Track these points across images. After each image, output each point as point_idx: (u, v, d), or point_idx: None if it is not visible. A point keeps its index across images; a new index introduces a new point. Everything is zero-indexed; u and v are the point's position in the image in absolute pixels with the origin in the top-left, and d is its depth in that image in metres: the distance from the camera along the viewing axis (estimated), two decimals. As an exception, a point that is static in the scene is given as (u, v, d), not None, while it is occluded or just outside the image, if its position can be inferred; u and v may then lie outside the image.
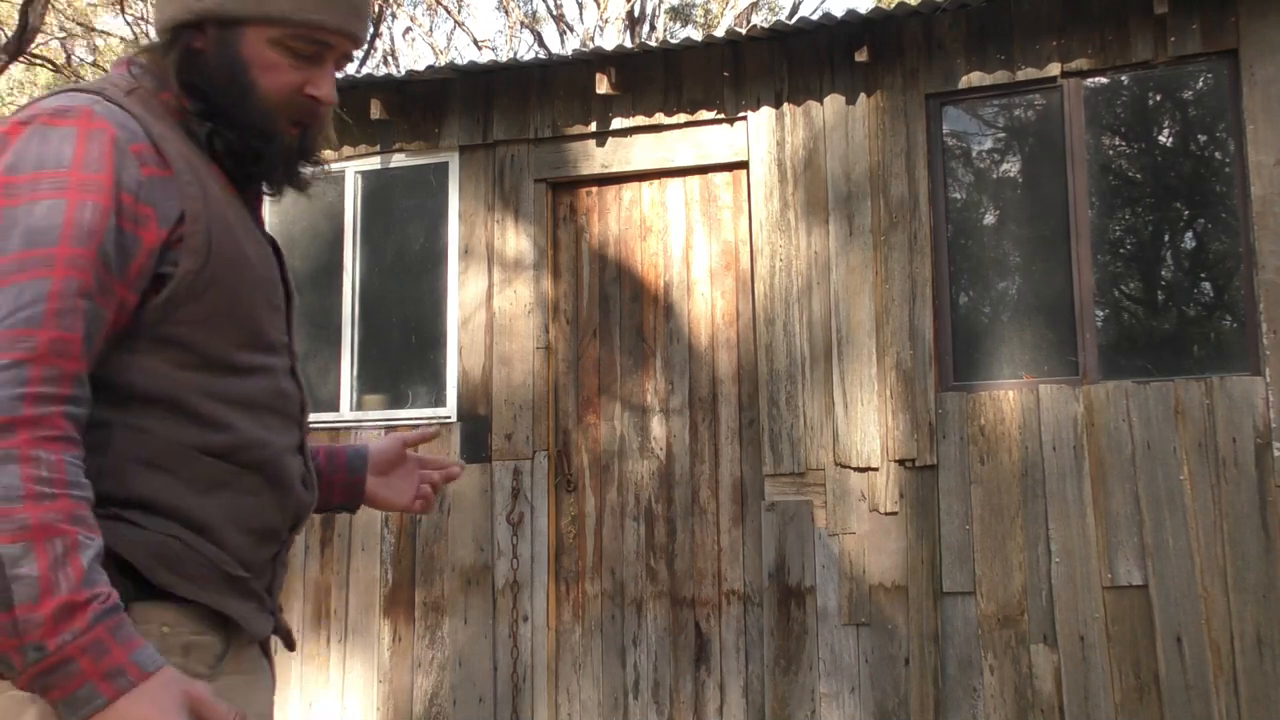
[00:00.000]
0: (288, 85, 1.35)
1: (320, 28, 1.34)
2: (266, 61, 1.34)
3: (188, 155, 1.31)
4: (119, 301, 1.22)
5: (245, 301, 1.34)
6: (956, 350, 5.05)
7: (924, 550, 4.90)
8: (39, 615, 1.07)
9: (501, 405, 5.57)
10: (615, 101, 5.56)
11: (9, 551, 1.07)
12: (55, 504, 1.10)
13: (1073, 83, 4.98)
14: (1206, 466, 4.62)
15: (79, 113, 1.24)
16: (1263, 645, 4.49)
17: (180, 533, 1.27)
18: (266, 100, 1.35)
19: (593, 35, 16.66)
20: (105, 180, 1.21)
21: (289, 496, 1.40)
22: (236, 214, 1.36)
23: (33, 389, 1.12)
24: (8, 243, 1.16)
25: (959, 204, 5.17)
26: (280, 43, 1.34)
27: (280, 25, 1.33)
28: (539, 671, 5.38)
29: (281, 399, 1.40)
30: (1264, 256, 4.64)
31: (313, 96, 1.37)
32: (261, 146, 1.36)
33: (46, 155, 1.20)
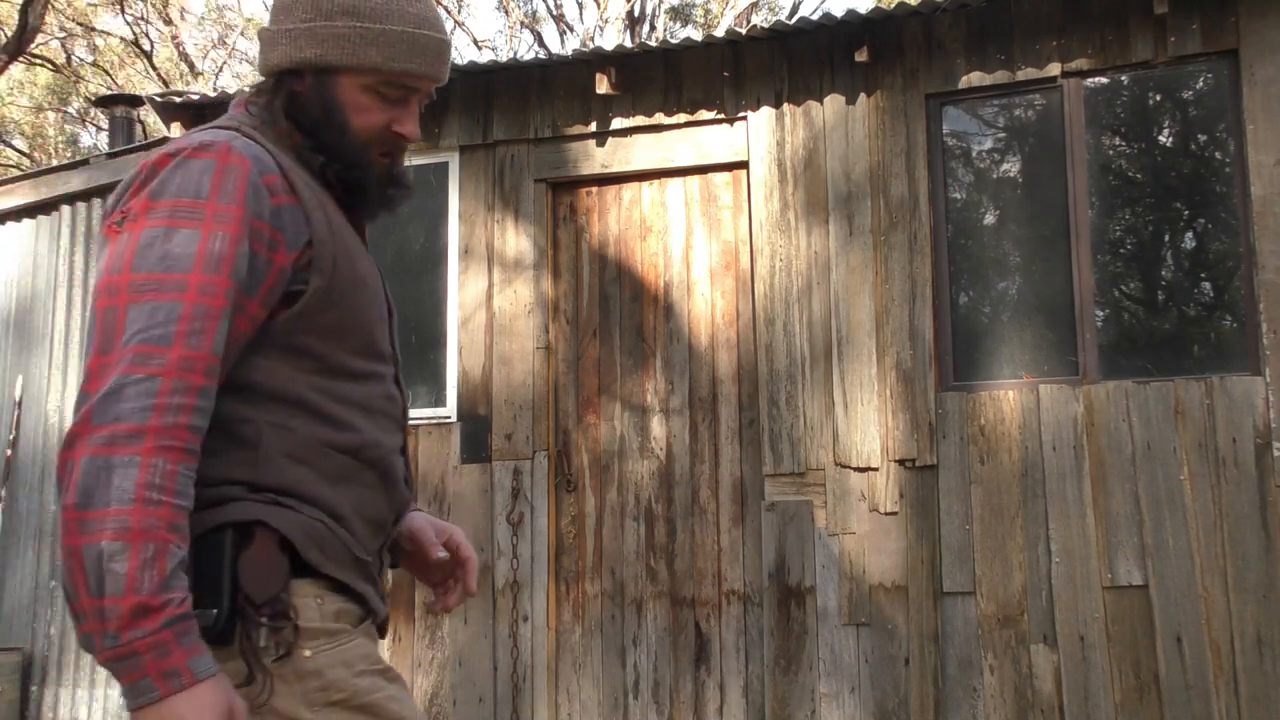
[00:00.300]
0: (377, 125, 1.51)
1: (408, 75, 1.51)
2: (359, 105, 1.50)
3: (310, 184, 1.48)
4: (250, 316, 1.38)
5: (362, 314, 1.50)
6: (956, 350, 5.05)
7: (924, 550, 4.90)
8: (120, 609, 1.20)
9: (501, 405, 5.57)
10: (615, 101, 5.56)
11: (110, 547, 1.20)
12: (158, 510, 1.23)
13: (1073, 83, 4.98)
14: (1206, 466, 4.62)
15: (219, 148, 1.39)
16: (1263, 645, 4.49)
17: (323, 518, 1.42)
18: (359, 138, 1.51)
19: (593, 35, 16.66)
20: (236, 212, 1.36)
21: (395, 493, 1.54)
22: (350, 236, 1.52)
23: (162, 400, 1.26)
24: (144, 262, 1.30)
25: (959, 204, 5.17)
26: (371, 89, 1.50)
27: (372, 75, 1.49)
28: (539, 671, 5.38)
29: (390, 403, 1.55)
30: (1264, 256, 4.64)
31: (399, 134, 1.53)
32: (361, 177, 1.53)
33: (186, 186, 1.35)
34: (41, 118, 19.71)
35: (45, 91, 19.31)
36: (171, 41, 17.92)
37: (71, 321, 6.55)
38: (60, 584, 6.27)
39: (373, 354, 1.53)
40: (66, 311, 6.57)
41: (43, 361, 6.63)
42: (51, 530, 6.41)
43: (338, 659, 1.41)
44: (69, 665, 6.27)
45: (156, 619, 1.21)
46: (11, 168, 17.79)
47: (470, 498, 5.58)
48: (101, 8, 17.78)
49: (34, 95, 19.38)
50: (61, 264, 6.65)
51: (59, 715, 6.25)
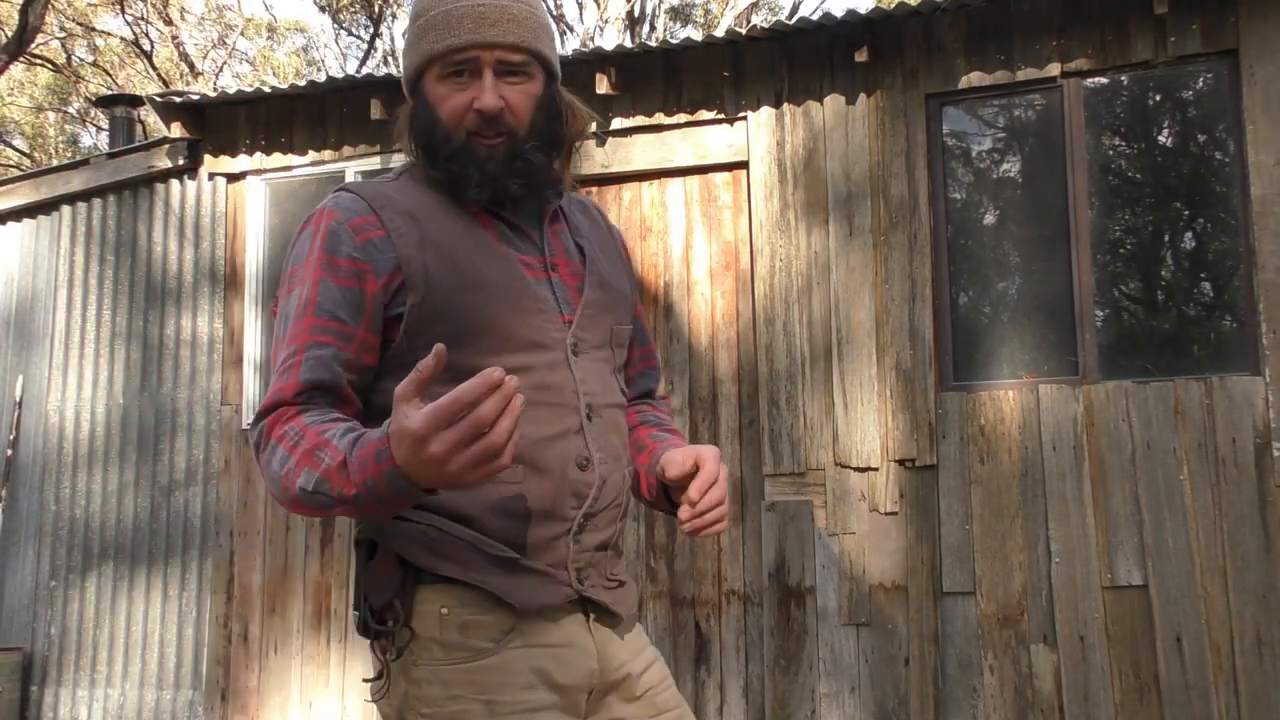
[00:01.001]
0: (458, 106, 1.55)
1: (454, 49, 1.54)
2: (440, 95, 1.56)
3: (415, 211, 1.57)
4: (362, 342, 1.52)
5: (487, 314, 1.53)
6: (956, 350, 5.05)
7: (924, 550, 4.90)
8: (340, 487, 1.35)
9: (501, 405, 5.57)
10: (615, 101, 5.56)
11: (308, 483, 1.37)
12: (303, 442, 1.40)
13: (1073, 83, 4.98)
14: (1206, 466, 4.62)
15: (316, 213, 1.58)
16: (1263, 645, 4.49)
17: (438, 522, 1.48)
18: (446, 124, 1.56)
19: (593, 35, 16.66)
20: (317, 259, 1.53)
21: (560, 480, 1.52)
22: (466, 245, 1.56)
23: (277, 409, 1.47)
24: (281, 323, 1.55)
25: (959, 204, 5.17)
26: (441, 77, 1.56)
27: (434, 62, 1.56)
28: (539, 671, 5.38)
29: (544, 391, 1.54)
30: (1264, 256, 4.64)
31: (477, 109, 1.54)
32: (458, 169, 1.56)
33: (299, 253, 1.57)
34: (41, 118, 19.71)
35: (45, 91, 19.31)
36: (171, 41, 17.92)
37: (71, 321, 6.55)
38: (59, 582, 6.28)
39: (514, 347, 1.53)
40: (66, 311, 6.57)
41: (43, 361, 6.63)
42: (51, 530, 6.42)
43: (439, 676, 1.45)
44: (69, 665, 6.27)
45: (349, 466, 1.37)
46: (11, 168, 17.80)
47: (470, 498, 5.58)
48: (101, 8, 17.78)
49: (34, 95, 19.38)
50: (61, 264, 6.65)
51: (59, 715, 6.25)
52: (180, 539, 6.12)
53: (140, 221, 6.48)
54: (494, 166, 1.56)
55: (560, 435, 1.54)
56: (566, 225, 1.70)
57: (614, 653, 1.57)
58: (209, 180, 6.29)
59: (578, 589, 1.53)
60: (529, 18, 1.58)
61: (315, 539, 5.85)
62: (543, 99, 1.61)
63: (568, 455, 1.54)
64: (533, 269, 1.60)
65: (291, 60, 20.33)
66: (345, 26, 20.03)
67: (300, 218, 1.66)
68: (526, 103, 1.58)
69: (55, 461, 6.45)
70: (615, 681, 1.56)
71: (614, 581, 1.59)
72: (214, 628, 5.95)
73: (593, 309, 1.62)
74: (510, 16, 1.56)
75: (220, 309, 6.17)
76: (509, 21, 1.55)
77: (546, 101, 1.62)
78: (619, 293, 1.69)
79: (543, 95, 1.61)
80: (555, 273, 1.62)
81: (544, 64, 1.61)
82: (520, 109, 1.57)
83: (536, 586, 1.50)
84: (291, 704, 5.80)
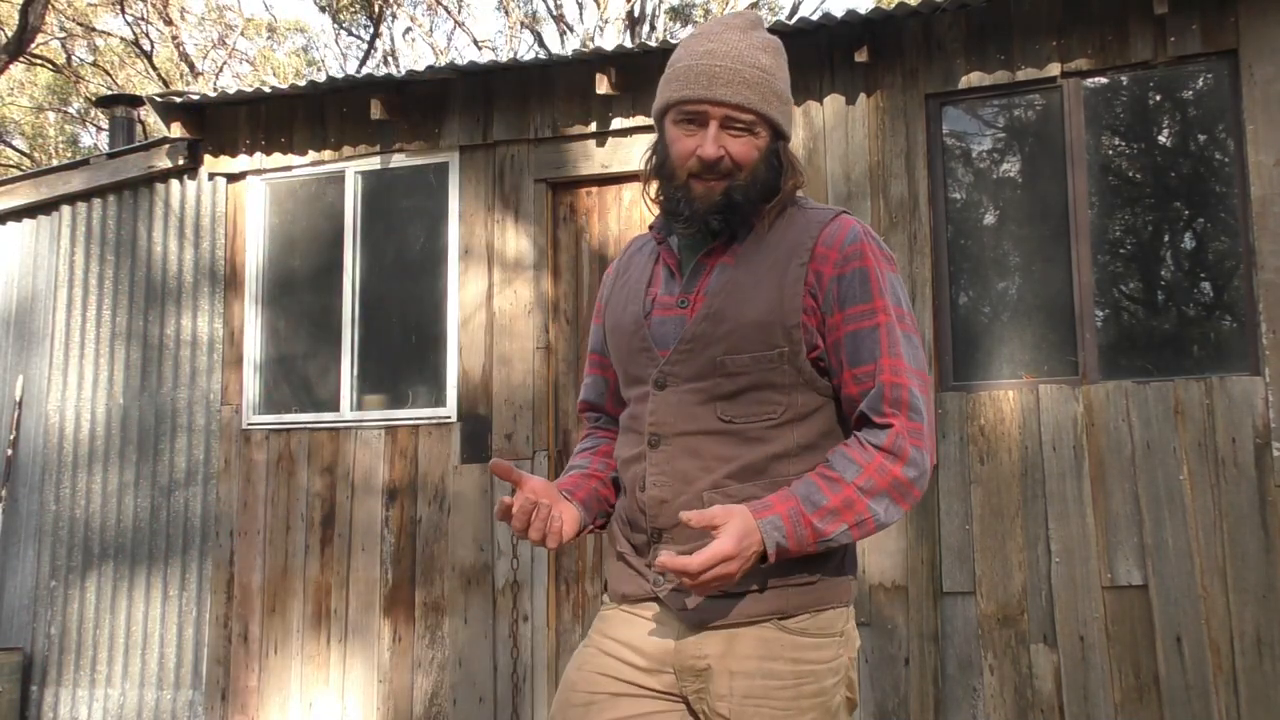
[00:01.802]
0: (685, 150, 1.78)
1: (687, 101, 1.77)
2: (673, 137, 1.80)
3: (634, 254, 1.99)
4: (604, 365, 2.03)
5: (616, 353, 1.93)
6: (956, 350, 5.04)
7: (924, 550, 4.90)
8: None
9: (501, 405, 5.57)
10: (615, 101, 5.56)
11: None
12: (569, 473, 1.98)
13: (1073, 83, 4.98)
14: (1206, 466, 4.62)
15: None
16: (1263, 645, 4.49)
17: (615, 520, 1.94)
18: (674, 163, 1.80)
19: (593, 35, 16.66)
20: (599, 306, 2.04)
21: (632, 498, 1.85)
22: (631, 287, 1.92)
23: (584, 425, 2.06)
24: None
25: (959, 204, 5.17)
26: (676, 121, 1.79)
27: (672, 108, 1.80)
28: (539, 671, 5.38)
29: (633, 420, 1.87)
30: (1264, 256, 4.64)
31: (699, 156, 1.76)
32: (672, 205, 1.81)
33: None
34: (41, 118, 19.71)
35: (45, 91, 19.31)
36: (171, 41, 17.92)
37: (71, 321, 6.55)
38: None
39: (630, 381, 1.88)
40: (66, 311, 6.57)
41: (43, 361, 6.63)
42: (51, 530, 6.42)
43: (599, 614, 1.93)
44: (69, 665, 6.27)
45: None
46: (11, 168, 17.80)
47: (470, 498, 5.58)
48: (101, 8, 17.78)
49: (34, 95, 19.38)
50: (61, 264, 6.65)
51: (59, 715, 6.25)
52: (180, 539, 6.12)
53: (140, 221, 6.48)
54: (702, 205, 1.78)
55: (634, 459, 1.84)
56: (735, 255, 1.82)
57: (696, 644, 1.76)
58: (209, 180, 6.29)
59: (655, 589, 1.80)
60: (760, 82, 1.77)
61: (315, 539, 5.85)
62: (766, 153, 1.79)
63: (637, 477, 1.83)
64: (668, 308, 1.84)
65: (291, 60, 20.33)
66: (345, 26, 20.03)
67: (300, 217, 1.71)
68: (750, 153, 1.78)
69: (55, 461, 6.45)
70: (698, 669, 1.76)
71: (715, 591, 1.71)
72: (214, 628, 5.95)
73: (692, 344, 1.79)
74: (742, 79, 1.76)
75: (220, 309, 6.17)
76: (740, 84, 1.76)
77: (769, 155, 1.80)
78: (746, 321, 1.76)
79: (767, 150, 1.79)
80: (686, 309, 1.82)
81: (770, 124, 1.79)
82: (743, 158, 1.77)
83: (625, 578, 1.87)
84: (291, 704, 5.80)
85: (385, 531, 5.72)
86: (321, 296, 6.05)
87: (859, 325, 1.74)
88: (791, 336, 1.75)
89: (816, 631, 1.75)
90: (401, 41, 23.79)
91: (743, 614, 1.73)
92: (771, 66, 1.79)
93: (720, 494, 1.74)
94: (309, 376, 6.08)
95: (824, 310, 1.75)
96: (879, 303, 1.74)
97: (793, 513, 1.65)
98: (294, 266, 6.16)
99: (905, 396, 1.73)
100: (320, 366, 6.03)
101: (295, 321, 6.15)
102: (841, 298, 1.74)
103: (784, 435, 1.76)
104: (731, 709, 1.73)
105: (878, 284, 1.74)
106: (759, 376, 1.75)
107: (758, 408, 1.76)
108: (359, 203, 6.02)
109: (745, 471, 1.75)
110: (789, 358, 1.75)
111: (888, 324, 1.74)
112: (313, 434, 5.92)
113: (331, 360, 5.98)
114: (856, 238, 1.77)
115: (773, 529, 1.64)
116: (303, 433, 5.94)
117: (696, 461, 1.76)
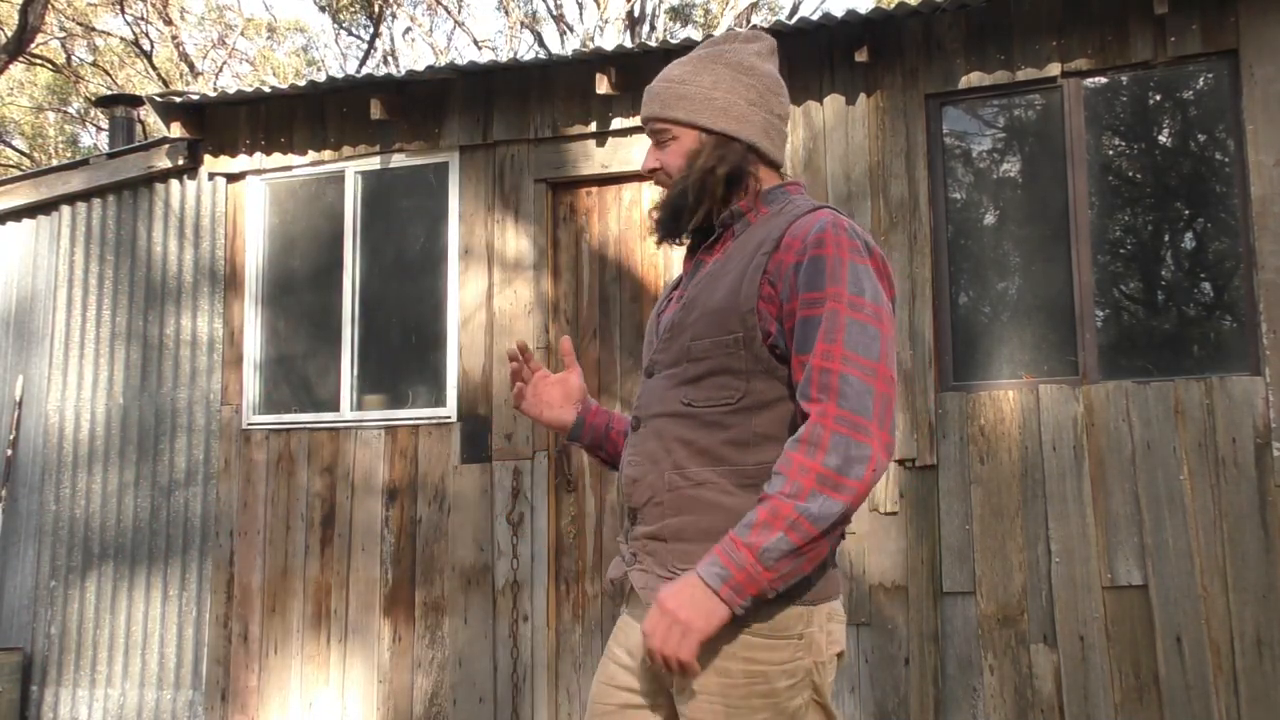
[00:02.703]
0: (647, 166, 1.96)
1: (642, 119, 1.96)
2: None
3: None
4: None
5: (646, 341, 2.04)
6: (956, 350, 5.04)
7: (924, 550, 4.90)
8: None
9: (501, 405, 5.57)
10: (615, 101, 5.56)
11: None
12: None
13: (1073, 83, 4.98)
14: (1206, 466, 4.61)
15: None
16: (1263, 645, 4.49)
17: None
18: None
19: (593, 35, 16.66)
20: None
21: (620, 482, 1.93)
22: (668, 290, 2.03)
23: None
24: None
25: (959, 204, 5.17)
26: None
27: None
28: (539, 671, 5.38)
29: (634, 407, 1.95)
30: (1264, 256, 4.64)
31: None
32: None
33: None
34: (41, 118, 19.71)
35: (45, 91, 19.31)
36: (171, 41, 17.92)
37: (71, 321, 6.55)
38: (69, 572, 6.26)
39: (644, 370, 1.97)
40: (66, 311, 6.57)
41: (43, 361, 6.63)
42: (51, 530, 6.42)
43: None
44: (69, 665, 6.27)
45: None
46: (11, 168, 17.79)
47: (470, 498, 5.58)
48: (101, 8, 17.78)
49: (34, 95, 19.38)
50: (61, 264, 6.65)
51: (59, 715, 6.25)
52: (180, 539, 6.12)
53: (140, 221, 6.48)
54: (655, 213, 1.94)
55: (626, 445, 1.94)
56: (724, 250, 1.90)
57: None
58: (209, 180, 6.29)
59: (627, 569, 1.88)
60: (662, 91, 1.91)
61: (315, 539, 5.85)
62: (694, 153, 1.87)
63: (625, 461, 1.92)
64: (673, 303, 1.95)
65: (291, 60, 20.33)
66: (345, 26, 20.03)
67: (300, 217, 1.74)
68: (676, 160, 1.89)
69: (55, 461, 6.45)
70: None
71: (674, 573, 1.76)
72: (214, 628, 5.95)
73: (671, 331, 1.88)
74: (652, 94, 1.91)
75: (220, 309, 6.17)
76: (649, 100, 1.92)
77: (701, 153, 1.87)
78: (709, 309, 1.82)
79: (695, 149, 1.87)
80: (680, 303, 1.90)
81: (686, 125, 1.88)
82: (671, 166, 1.89)
83: (614, 563, 1.96)
84: (291, 704, 5.80)
85: (385, 531, 5.72)
86: (321, 296, 6.05)
87: (809, 312, 1.72)
88: (746, 322, 1.76)
89: (769, 633, 1.72)
90: (401, 41, 23.79)
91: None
92: (683, 75, 1.90)
93: (680, 475, 1.79)
94: (309, 376, 6.08)
95: (782, 298, 1.75)
96: (831, 289, 1.70)
97: (725, 544, 1.64)
98: (294, 266, 6.15)
99: (834, 382, 1.66)
100: (320, 366, 6.03)
101: (295, 321, 6.15)
102: (796, 285, 1.73)
103: (741, 421, 1.77)
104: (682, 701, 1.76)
105: (834, 272, 1.71)
106: (717, 362, 1.79)
107: (716, 392, 1.79)
108: (359, 203, 6.02)
109: (702, 456, 1.78)
110: (744, 343, 1.76)
111: (835, 310, 1.69)
112: (313, 434, 5.92)
113: (331, 360, 5.98)
114: (823, 228, 1.75)
115: (710, 565, 1.64)
116: (303, 433, 5.94)
117: (660, 443, 1.84)
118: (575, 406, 2.14)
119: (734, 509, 1.73)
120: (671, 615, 1.63)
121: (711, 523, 1.74)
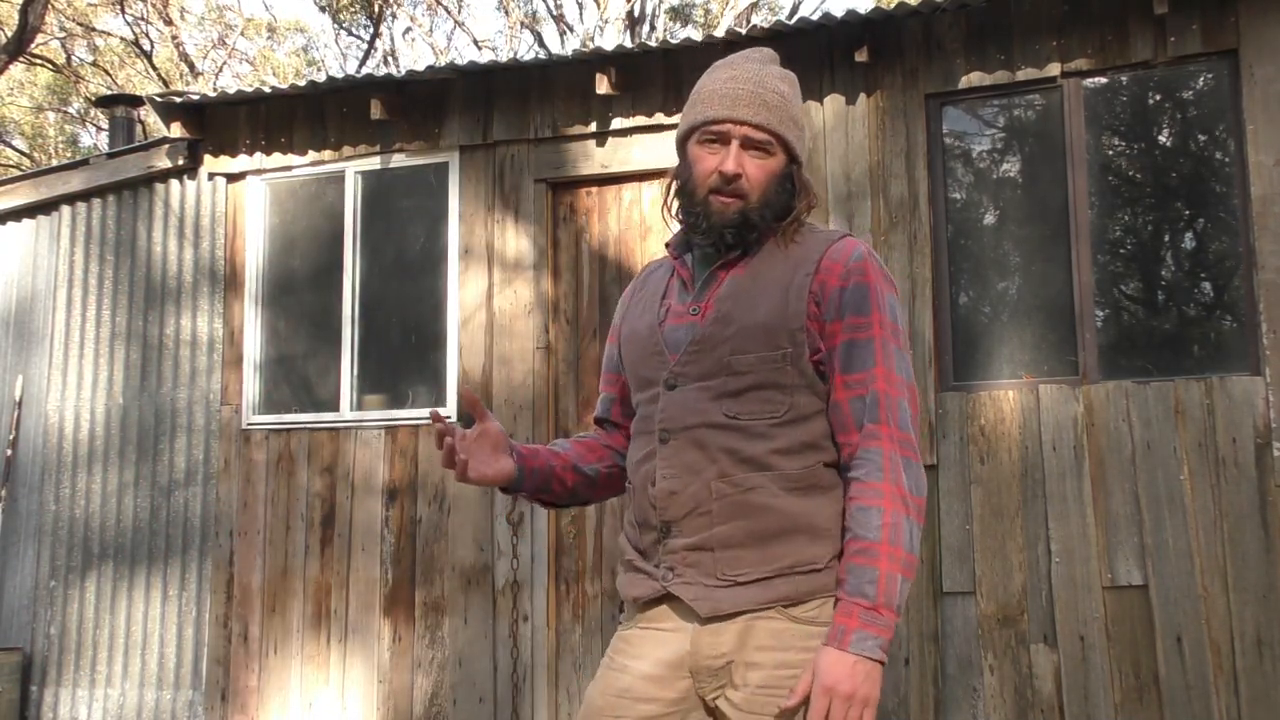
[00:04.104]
0: (708, 168, 1.90)
1: (712, 121, 1.90)
2: (696, 156, 1.93)
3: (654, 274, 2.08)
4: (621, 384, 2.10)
5: (628, 360, 2.02)
6: (956, 350, 5.04)
7: (924, 550, 4.90)
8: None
9: (501, 405, 5.57)
10: (615, 101, 5.56)
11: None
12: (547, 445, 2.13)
13: (1073, 83, 4.98)
14: (1206, 466, 4.61)
15: None
16: (1263, 645, 4.49)
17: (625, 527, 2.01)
18: (696, 180, 1.92)
19: (593, 35, 16.66)
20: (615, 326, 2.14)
21: (643, 496, 1.92)
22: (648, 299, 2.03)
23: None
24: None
25: (959, 204, 5.17)
26: (700, 142, 1.92)
27: (696, 129, 1.93)
28: (539, 671, 5.38)
29: (643, 421, 1.96)
30: (1264, 256, 4.64)
31: (720, 171, 1.88)
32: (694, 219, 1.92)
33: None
34: (41, 118, 19.71)
35: (45, 91, 19.31)
36: (171, 41, 17.92)
37: (71, 321, 6.55)
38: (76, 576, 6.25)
39: (641, 386, 1.98)
40: (66, 311, 6.57)
41: (43, 361, 6.63)
42: (51, 530, 6.42)
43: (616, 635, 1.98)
44: (69, 665, 6.27)
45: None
46: (11, 168, 17.79)
47: (470, 498, 5.58)
48: (101, 8, 17.78)
49: (34, 95, 19.38)
50: (61, 264, 6.65)
51: (59, 715, 6.25)
52: (180, 539, 6.12)
53: (140, 221, 6.48)
54: (719, 220, 1.89)
55: (644, 459, 1.92)
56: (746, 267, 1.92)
57: (712, 642, 1.82)
58: (209, 180, 6.29)
59: (664, 585, 1.86)
60: (778, 105, 1.91)
61: (315, 539, 5.85)
62: (780, 175, 1.91)
63: (648, 475, 1.90)
64: (680, 315, 1.95)
65: (291, 60, 20.33)
66: (345, 26, 20.03)
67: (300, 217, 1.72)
68: (763, 176, 1.89)
69: (55, 461, 6.45)
70: (715, 668, 1.81)
71: (726, 580, 1.81)
72: (214, 628, 5.95)
73: (701, 344, 1.89)
74: (761, 101, 1.90)
75: (220, 309, 6.17)
76: (759, 105, 1.90)
77: (783, 178, 1.91)
78: (752, 324, 1.86)
79: (780, 172, 1.91)
80: (697, 315, 1.92)
81: (785, 147, 1.91)
82: (755, 180, 1.89)
83: (635, 582, 1.93)
84: (291, 704, 5.80)
85: (385, 531, 5.72)
86: (321, 296, 6.05)
87: (855, 335, 1.83)
88: (795, 338, 1.84)
89: (826, 620, 1.78)
90: (401, 41, 23.79)
91: (753, 600, 1.80)
92: (789, 94, 1.94)
93: (727, 483, 1.83)
94: (309, 376, 6.08)
95: (825, 318, 1.85)
96: (876, 316, 1.84)
97: (864, 614, 1.72)
98: (294, 266, 6.15)
99: (896, 407, 1.81)
100: (320, 366, 6.03)
101: (295, 321, 6.15)
102: (842, 307, 1.84)
103: (786, 433, 1.84)
104: (745, 699, 1.79)
105: (877, 300, 1.84)
106: (763, 376, 1.84)
107: (761, 406, 1.84)
108: (359, 203, 6.02)
109: (749, 463, 1.83)
110: (792, 359, 1.84)
111: (882, 338, 1.83)
112: (313, 434, 5.92)
113: (331, 360, 5.98)
114: (861, 256, 1.87)
115: (864, 639, 1.72)
116: (303, 433, 5.94)
117: (702, 453, 1.85)
118: (508, 454, 1.98)
119: (785, 510, 1.81)
120: (848, 697, 1.70)
121: (764, 525, 1.81)
